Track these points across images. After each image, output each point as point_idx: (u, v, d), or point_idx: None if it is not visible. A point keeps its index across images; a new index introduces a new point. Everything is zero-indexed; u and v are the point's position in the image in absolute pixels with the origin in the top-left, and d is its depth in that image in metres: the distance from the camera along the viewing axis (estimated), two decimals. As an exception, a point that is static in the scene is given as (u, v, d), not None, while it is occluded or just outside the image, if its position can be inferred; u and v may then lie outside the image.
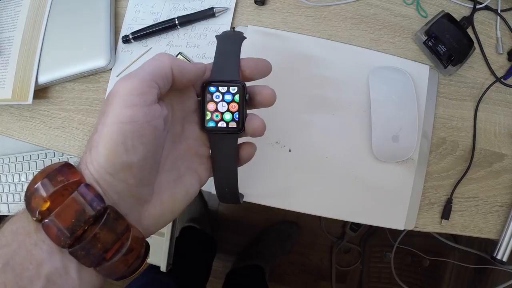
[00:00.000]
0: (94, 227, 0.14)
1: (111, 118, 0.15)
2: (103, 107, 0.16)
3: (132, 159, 0.15)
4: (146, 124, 0.15)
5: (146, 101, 0.15)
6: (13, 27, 0.33)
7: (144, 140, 0.15)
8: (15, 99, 0.32)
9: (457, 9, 0.32)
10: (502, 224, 0.30)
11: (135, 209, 0.16)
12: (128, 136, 0.15)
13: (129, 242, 0.15)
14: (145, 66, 0.17)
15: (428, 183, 0.30)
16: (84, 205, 0.14)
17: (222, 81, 0.18)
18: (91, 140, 0.16)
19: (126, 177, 0.15)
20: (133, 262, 0.16)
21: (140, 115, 0.15)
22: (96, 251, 0.14)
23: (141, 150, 0.15)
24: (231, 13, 0.31)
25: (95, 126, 0.16)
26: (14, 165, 0.46)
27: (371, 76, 0.30)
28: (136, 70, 0.16)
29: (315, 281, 0.81)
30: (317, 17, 0.32)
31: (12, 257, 0.13)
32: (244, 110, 0.18)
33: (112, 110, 0.15)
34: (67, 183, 0.14)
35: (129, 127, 0.15)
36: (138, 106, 0.15)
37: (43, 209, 0.14)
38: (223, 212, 0.82)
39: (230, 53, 0.19)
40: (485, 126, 0.31)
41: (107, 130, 0.15)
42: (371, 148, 0.29)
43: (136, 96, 0.15)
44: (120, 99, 0.15)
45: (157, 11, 0.32)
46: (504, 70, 0.31)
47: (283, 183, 0.29)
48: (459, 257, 0.54)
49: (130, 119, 0.15)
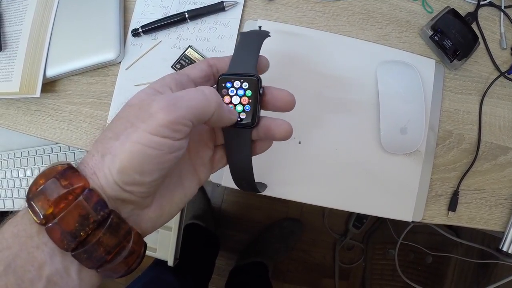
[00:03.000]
0: (97, 232, 0.14)
1: (137, 136, 0.15)
2: (132, 116, 0.15)
3: (144, 180, 0.15)
4: (169, 154, 0.15)
5: (175, 137, 0.15)
6: (21, 20, 0.33)
7: (161, 166, 0.15)
8: (23, 92, 0.32)
9: (462, 5, 0.32)
10: (507, 217, 0.31)
11: (136, 214, 0.16)
12: (148, 161, 0.15)
13: (131, 245, 0.15)
14: (191, 98, 0.16)
15: (435, 175, 0.31)
16: (88, 210, 0.14)
17: (238, 74, 0.18)
18: (106, 145, 0.15)
19: (134, 191, 0.15)
20: (134, 263, 0.16)
21: (166, 146, 0.15)
22: (99, 254, 0.15)
23: (156, 175, 0.15)
24: (241, 7, 0.32)
25: (114, 131, 0.15)
26: (19, 160, 0.45)
27: (379, 69, 0.30)
28: (180, 99, 0.15)
29: (318, 278, 0.81)
30: (325, 12, 0.32)
31: (13, 260, 0.13)
32: (258, 105, 0.18)
33: (141, 130, 0.15)
34: (72, 188, 0.14)
35: (152, 153, 0.15)
36: (168, 139, 0.15)
37: (47, 213, 0.14)
38: (226, 209, 0.82)
39: (249, 48, 0.19)
40: (490, 119, 0.32)
41: (130, 146, 0.14)
42: (380, 140, 0.29)
43: (170, 131, 0.15)
44: (153, 126, 0.14)
45: (167, 5, 0.32)
46: (508, 65, 0.32)
47: (292, 175, 0.30)
48: (462, 253, 0.54)
49: (155, 146, 0.15)
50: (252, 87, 0.18)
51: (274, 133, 0.19)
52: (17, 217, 0.15)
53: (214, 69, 0.19)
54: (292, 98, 0.19)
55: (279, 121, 0.19)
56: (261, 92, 0.18)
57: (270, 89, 0.19)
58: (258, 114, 0.18)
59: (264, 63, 0.20)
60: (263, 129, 0.19)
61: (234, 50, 0.19)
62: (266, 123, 0.19)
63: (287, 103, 0.19)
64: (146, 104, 0.15)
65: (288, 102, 0.19)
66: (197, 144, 0.19)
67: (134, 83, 0.32)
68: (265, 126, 0.19)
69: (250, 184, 0.20)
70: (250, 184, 0.20)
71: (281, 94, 0.19)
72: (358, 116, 0.30)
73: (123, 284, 0.75)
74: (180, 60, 0.32)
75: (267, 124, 0.19)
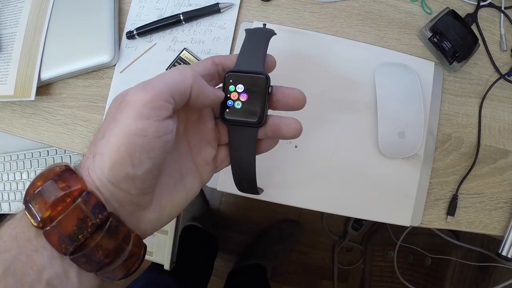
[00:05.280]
0: (96, 235, 0.14)
1: (120, 127, 0.14)
2: (113, 111, 0.15)
3: (137, 172, 0.15)
4: (156, 139, 0.15)
5: (159, 115, 0.15)
6: (15, 23, 0.33)
7: (151, 154, 0.15)
8: (18, 95, 0.31)
9: (461, 6, 0.32)
10: (507, 221, 0.30)
11: (135, 215, 0.16)
12: (136, 149, 0.14)
13: (130, 247, 0.15)
14: (165, 77, 0.15)
15: (434, 179, 0.30)
16: (86, 213, 0.14)
17: (246, 71, 0.18)
18: (96, 145, 0.15)
19: (129, 187, 0.15)
20: (133, 265, 0.16)
21: (151, 129, 0.14)
22: (97, 258, 0.14)
23: (147, 164, 0.15)
24: (237, 8, 0.31)
25: (102, 130, 0.15)
26: (15, 163, 0.45)
27: (377, 72, 0.30)
28: (154, 79, 0.15)
29: (317, 280, 0.80)
30: (322, 13, 0.32)
31: (12, 263, 0.13)
32: (266, 103, 0.18)
33: (123, 119, 0.14)
34: (70, 190, 0.14)
35: (138, 141, 0.14)
36: (150, 120, 0.14)
37: (45, 216, 0.14)
38: (225, 211, 0.82)
39: (256, 46, 0.19)
40: (489, 122, 0.31)
41: (115, 140, 0.14)
42: (377, 144, 0.29)
43: (151, 109, 0.14)
44: (133, 110, 0.14)
45: (162, 7, 0.32)
46: (508, 67, 0.32)
47: (289, 180, 0.29)
48: (461, 255, 0.54)
49: (140, 133, 0.14)
50: (261, 85, 0.18)
51: (284, 132, 0.18)
52: (15, 219, 0.15)
53: (220, 68, 0.19)
54: (303, 96, 0.19)
55: (289, 120, 0.18)
56: (270, 91, 0.18)
57: (281, 88, 0.19)
58: (265, 113, 0.18)
59: (271, 61, 0.20)
60: (271, 127, 0.18)
61: (241, 47, 0.19)
62: (275, 122, 0.18)
63: (299, 102, 0.19)
64: (123, 95, 0.15)
65: (300, 100, 0.19)
66: (199, 142, 0.19)
67: (129, 86, 0.31)
68: (273, 125, 0.18)
69: (251, 185, 0.20)
70: (252, 184, 0.20)
71: (292, 93, 0.19)
72: (355, 119, 0.30)
73: (121, 286, 0.75)
74: (175, 62, 0.31)
75: (275, 122, 0.18)
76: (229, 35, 0.31)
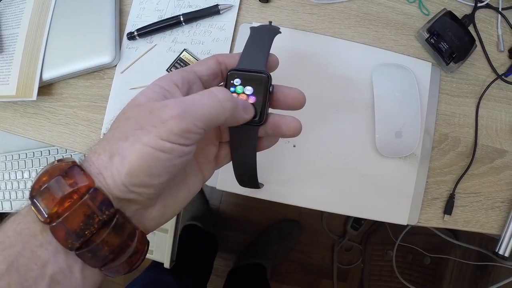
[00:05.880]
0: (102, 231, 0.14)
1: (148, 139, 0.14)
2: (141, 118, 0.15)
3: (153, 182, 0.15)
4: (178, 159, 0.15)
5: (187, 143, 0.15)
6: (17, 24, 0.33)
7: (170, 170, 0.15)
8: (20, 95, 0.32)
9: (459, 7, 0.32)
10: (503, 220, 0.31)
11: (140, 213, 0.16)
12: (158, 163, 0.15)
13: (135, 244, 0.15)
14: (205, 104, 0.15)
15: (431, 178, 0.31)
16: (93, 209, 0.14)
17: (248, 70, 0.18)
18: (114, 145, 0.15)
19: (141, 192, 0.15)
20: (137, 261, 0.16)
21: (177, 151, 0.15)
22: (103, 254, 0.15)
23: (165, 177, 0.15)
24: (236, 10, 0.31)
25: (123, 131, 0.15)
26: (17, 162, 0.46)
27: (375, 73, 0.30)
28: (193, 102, 0.15)
29: (316, 280, 0.81)
30: (321, 15, 0.32)
31: (16, 259, 0.13)
32: (267, 102, 0.18)
33: (153, 133, 0.14)
34: (77, 187, 0.14)
35: (162, 156, 0.14)
36: (178, 145, 0.15)
37: (52, 211, 0.14)
38: (224, 210, 0.82)
39: (260, 44, 0.19)
40: (486, 122, 0.31)
41: (140, 148, 0.14)
42: (375, 143, 0.29)
43: (182, 139, 0.15)
44: (165, 132, 0.14)
45: (162, 8, 0.32)
46: (505, 67, 0.32)
47: (287, 179, 0.30)
48: (460, 255, 0.54)
49: (167, 151, 0.14)
50: (262, 84, 0.18)
51: (284, 130, 0.19)
52: (20, 215, 0.15)
53: (223, 67, 0.19)
54: (303, 96, 0.19)
55: (289, 118, 0.19)
56: (271, 90, 0.18)
57: (281, 88, 0.19)
58: (266, 112, 0.18)
59: (274, 61, 0.20)
60: (272, 126, 0.19)
61: (244, 45, 0.19)
62: (275, 120, 0.19)
63: (298, 102, 0.19)
64: (157, 108, 0.15)
65: (299, 100, 0.19)
66: (202, 142, 0.19)
67: (130, 86, 0.32)
68: (274, 124, 0.19)
69: (252, 180, 0.20)
70: (252, 179, 0.20)
71: (292, 93, 0.19)
72: (353, 119, 0.30)
73: (121, 284, 0.76)
74: (175, 63, 0.32)
75: (276, 121, 0.19)
76: (229, 36, 0.31)
